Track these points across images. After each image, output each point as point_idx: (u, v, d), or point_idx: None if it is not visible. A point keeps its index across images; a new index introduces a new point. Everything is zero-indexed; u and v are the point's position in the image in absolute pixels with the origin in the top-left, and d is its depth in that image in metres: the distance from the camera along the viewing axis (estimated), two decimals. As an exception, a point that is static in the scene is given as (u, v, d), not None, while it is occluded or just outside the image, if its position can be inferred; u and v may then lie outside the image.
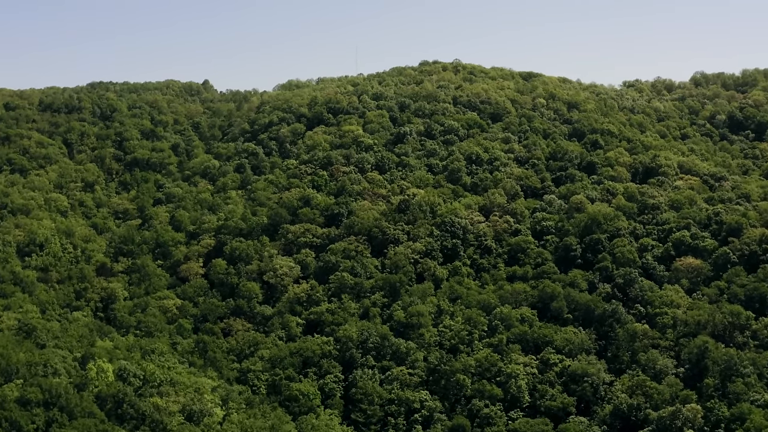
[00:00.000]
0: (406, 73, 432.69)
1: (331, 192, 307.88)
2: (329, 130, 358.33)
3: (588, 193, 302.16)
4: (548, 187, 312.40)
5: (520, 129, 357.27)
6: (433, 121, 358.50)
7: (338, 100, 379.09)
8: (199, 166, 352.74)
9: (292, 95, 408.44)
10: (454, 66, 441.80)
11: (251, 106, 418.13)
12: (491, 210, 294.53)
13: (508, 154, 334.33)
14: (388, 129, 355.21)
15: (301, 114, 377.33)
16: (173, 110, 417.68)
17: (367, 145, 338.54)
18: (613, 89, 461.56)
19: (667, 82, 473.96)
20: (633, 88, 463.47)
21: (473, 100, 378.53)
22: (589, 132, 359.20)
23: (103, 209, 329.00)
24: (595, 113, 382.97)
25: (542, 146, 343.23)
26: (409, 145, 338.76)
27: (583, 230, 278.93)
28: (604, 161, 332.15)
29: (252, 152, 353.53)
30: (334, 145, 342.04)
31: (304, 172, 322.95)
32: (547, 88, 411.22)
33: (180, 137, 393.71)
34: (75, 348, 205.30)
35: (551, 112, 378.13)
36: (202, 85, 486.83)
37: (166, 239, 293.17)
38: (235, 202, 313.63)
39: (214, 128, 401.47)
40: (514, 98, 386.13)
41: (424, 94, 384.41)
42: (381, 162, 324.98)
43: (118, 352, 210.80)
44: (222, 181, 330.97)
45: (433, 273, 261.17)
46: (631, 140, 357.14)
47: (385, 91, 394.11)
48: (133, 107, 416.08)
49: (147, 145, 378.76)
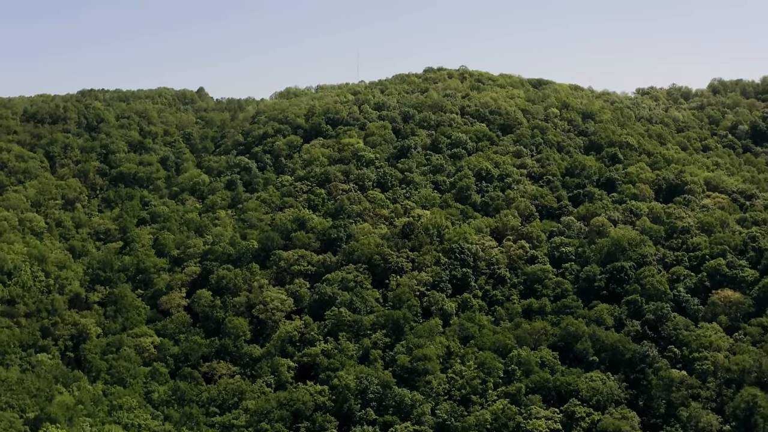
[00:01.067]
0: (409, 80, 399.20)
1: (328, 212, 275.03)
2: (327, 142, 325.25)
3: (609, 214, 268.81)
4: (565, 207, 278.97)
5: (532, 141, 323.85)
6: (440, 133, 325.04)
7: (337, 110, 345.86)
8: (188, 182, 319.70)
9: (288, 104, 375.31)
10: (461, 73, 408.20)
11: (246, 116, 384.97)
12: (504, 233, 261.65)
13: (521, 170, 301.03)
14: (391, 142, 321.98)
15: (297, 125, 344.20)
16: (164, 120, 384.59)
17: (368, 159, 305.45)
18: (627, 97, 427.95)
19: (683, 89, 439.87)
20: (648, 96, 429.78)
21: (482, 110, 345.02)
22: (606, 145, 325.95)
23: (82, 230, 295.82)
24: (612, 124, 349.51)
25: (557, 160, 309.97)
26: (414, 160, 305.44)
27: (606, 257, 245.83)
28: (625, 177, 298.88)
29: (244, 167, 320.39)
30: (332, 160, 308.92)
31: (299, 190, 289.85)
32: (560, 96, 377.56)
33: (170, 149, 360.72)
34: (29, 407, 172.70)
35: (565, 122, 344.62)
36: (196, 93, 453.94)
37: (147, 265, 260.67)
38: (224, 223, 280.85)
39: (206, 139, 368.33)
40: (525, 108, 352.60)
41: (430, 103, 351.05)
42: (383, 179, 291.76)
43: (80, 408, 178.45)
44: (211, 199, 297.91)
45: (441, 307, 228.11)
46: (651, 153, 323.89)
47: (387, 100, 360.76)
48: (122, 117, 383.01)
49: (134, 159, 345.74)
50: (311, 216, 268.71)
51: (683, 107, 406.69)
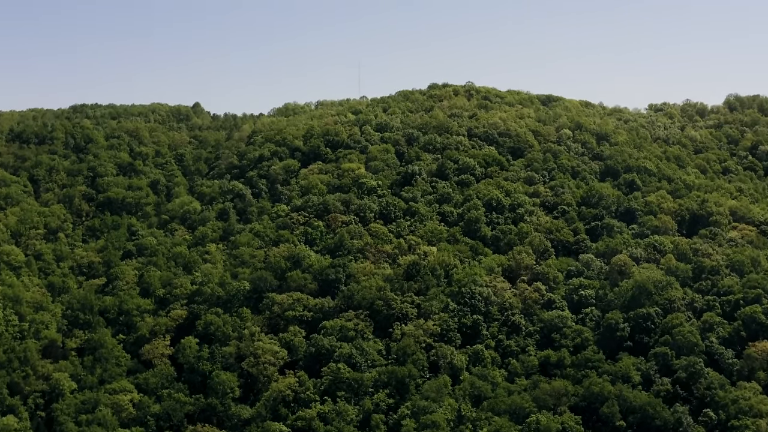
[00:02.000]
0: (413, 98, 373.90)
1: (327, 247, 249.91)
2: (326, 167, 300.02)
3: (631, 251, 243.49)
4: (583, 242, 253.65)
5: (544, 166, 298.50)
6: (446, 158, 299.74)
7: (337, 131, 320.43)
8: (178, 210, 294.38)
9: (286, 123, 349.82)
10: (467, 89, 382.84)
11: (242, 136, 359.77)
12: (518, 273, 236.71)
13: (533, 199, 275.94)
14: (394, 167, 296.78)
15: (295, 147, 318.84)
16: (155, 140, 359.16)
17: (370, 187, 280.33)
18: (640, 114, 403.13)
19: (698, 105, 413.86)
20: (662, 113, 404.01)
21: (490, 131, 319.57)
22: (623, 170, 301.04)
23: (64, 263, 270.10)
24: (628, 146, 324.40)
25: (571, 188, 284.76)
26: (419, 188, 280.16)
27: (630, 301, 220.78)
28: (645, 207, 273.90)
29: (238, 193, 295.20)
30: (331, 187, 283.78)
31: (296, 222, 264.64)
32: (571, 116, 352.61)
33: (161, 172, 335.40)
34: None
35: (578, 145, 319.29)
36: (192, 109, 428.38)
37: (130, 307, 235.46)
38: (214, 257, 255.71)
39: (200, 161, 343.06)
40: (536, 129, 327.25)
41: (435, 124, 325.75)
42: (386, 209, 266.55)
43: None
44: (201, 230, 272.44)
45: (450, 361, 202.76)
46: (671, 179, 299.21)
47: (390, 120, 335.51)
48: (111, 137, 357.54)
49: (123, 183, 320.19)
50: (308, 252, 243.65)
51: (699, 125, 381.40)
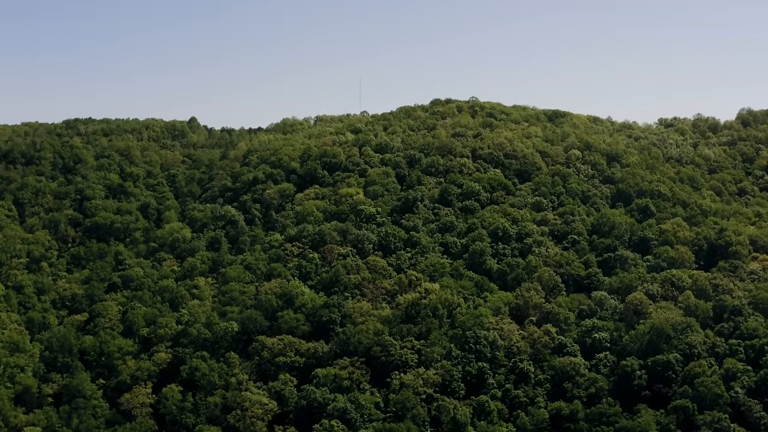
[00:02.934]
0: (415, 115, 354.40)
1: (322, 282, 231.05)
2: (323, 192, 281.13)
3: (647, 287, 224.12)
4: (595, 276, 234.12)
5: (553, 191, 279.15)
6: (449, 182, 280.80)
7: (335, 153, 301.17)
8: (167, 237, 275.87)
9: (282, 143, 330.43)
10: (471, 105, 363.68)
11: (237, 154, 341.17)
12: (526, 312, 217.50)
13: (542, 227, 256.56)
14: (394, 192, 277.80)
15: (291, 169, 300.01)
16: (147, 159, 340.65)
17: (369, 214, 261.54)
18: (651, 131, 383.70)
19: (710, 120, 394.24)
20: (673, 128, 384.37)
21: (495, 152, 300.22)
22: (636, 194, 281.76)
23: (46, 297, 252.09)
24: (640, 167, 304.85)
25: (581, 214, 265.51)
26: (420, 216, 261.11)
27: (647, 345, 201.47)
28: (659, 236, 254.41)
29: (231, 220, 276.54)
30: (328, 214, 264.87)
31: (290, 253, 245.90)
32: (580, 133, 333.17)
33: (152, 194, 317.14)
34: None
35: (588, 167, 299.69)
36: (187, 124, 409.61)
37: (111, 349, 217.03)
38: (202, 292, 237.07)
39: (193, 182, 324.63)
40: (544, 149, 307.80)
41: (437, 145, 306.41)
42: (385, 240, 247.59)
43: None
44: (190, 261, 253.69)
45: (454, 416, 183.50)
46: (686, 204, 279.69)
47: (390, 140, 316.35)
48: (101, 156, 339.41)
49: (112, 206, 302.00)
50: (302, 289, 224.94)
51: (712, 142, 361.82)
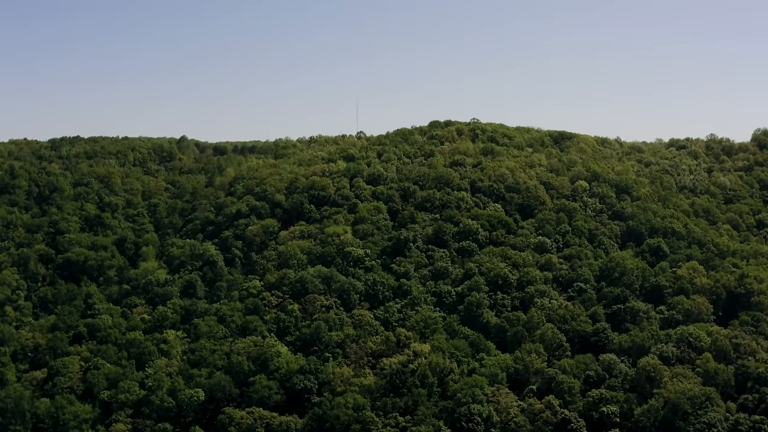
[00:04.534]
0: (412, 139, 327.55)
1: (301, 339, 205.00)
2: (309, 229, 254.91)
3: (661, 348, 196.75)
4: (603, 332, 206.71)
5: (557, 229, 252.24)
6: (444, 219, 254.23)
7: (323, 185, 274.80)
8: (141, 278, 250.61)
9: (270, 171, 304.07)
10: (471, 128, 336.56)
11: (223, 182, 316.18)
12: (526, 378, 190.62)
13: (545, 273, 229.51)
14: (386, 230, 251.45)
15: (276, 202, 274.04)
16: (128, 187, 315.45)
17: (357, 257, 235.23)
18: (662, 153, 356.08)
19: (724, 142, 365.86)
20: (685, 150, 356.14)
21: (496, 185, 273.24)
22: (647, 232, 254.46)
23: (6, 348, 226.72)
24: (652, 199, 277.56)
25: (589, 257, 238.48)
26: (412, 260, 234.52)
27: (661, 423, 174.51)
28: (674, 283, 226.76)
29: (209, 260, 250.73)
30: (312, 256, 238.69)
31: (268, 304, 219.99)
32: (587, 160, 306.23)
33: (130, 226, 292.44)
34: None
35: (596, 200, 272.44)
36: (176, 144, 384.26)
37: (67, 416, 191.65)
38: (171, 348, 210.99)
39: (174, 213, 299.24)
40: (548, 180, 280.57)
41: (434, 176, 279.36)
42: (373, 289, 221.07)
43: None
44: (161, 310, 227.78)
45: None
46: (702, 243, 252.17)
47: (384, 169, 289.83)
48: (80, 184, 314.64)
49: (86, 241, 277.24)
50: (277, 348, 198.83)
51: (727, 167, 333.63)
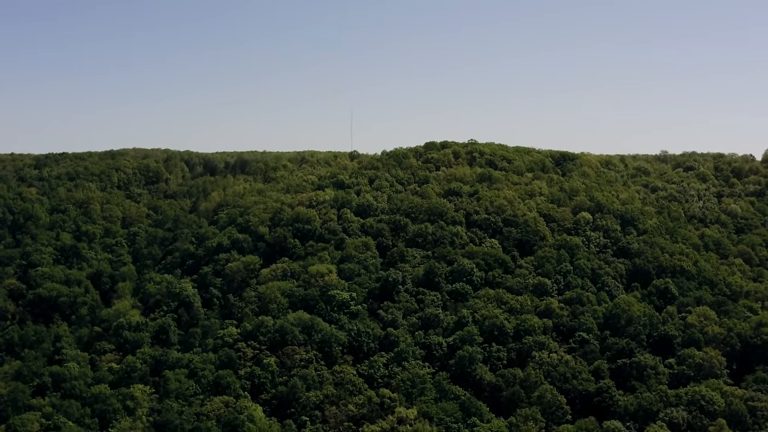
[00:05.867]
0: (406, 163, 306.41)
1: (278, 397, 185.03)
2: (293, 267, 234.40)
3: (670, 413, 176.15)
4: (607, 391, 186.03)
5: (558, 268, 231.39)
6: (437, 257, 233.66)
7: (309, 218, 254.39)
8: (113, 320, 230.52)
9: (255, 199, 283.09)
10: (468, 151, 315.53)
11: (208, 207, 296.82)
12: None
13: (545, 320, 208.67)
14: (373, 269, 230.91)
15: (260, 235, 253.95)
16: (107, 214, 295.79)
17: (341, 301, 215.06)
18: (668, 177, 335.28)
19: (733, 163, 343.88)
20: (693, 172, 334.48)
21: (493, 218, 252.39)
22: (655, 271, 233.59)
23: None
24: (659, 232, 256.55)
25: (592, 301, 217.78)
26: (401, 306, 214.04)
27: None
28: (684, 333, 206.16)
29: (185, 301, 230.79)
30: (294, 300, 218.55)
31: (243, 356, 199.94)
32: (590, 186, 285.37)
33: (107, 257, 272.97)
34: None
35: (600, 234, 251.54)
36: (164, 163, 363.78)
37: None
38: (137, 405, 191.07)
39: (154, 243, 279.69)
40: (549, 212, 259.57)
41: (427, 207, 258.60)
42: (357, 340, 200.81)
43: None
44: (130, 361, 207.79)
45: None
46: (713, 284, 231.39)
47: (375, 198, 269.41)
48: (57, 210, 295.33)
49: (60, 274, 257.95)
50: (250, 411, 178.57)
51: (737, 192, 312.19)
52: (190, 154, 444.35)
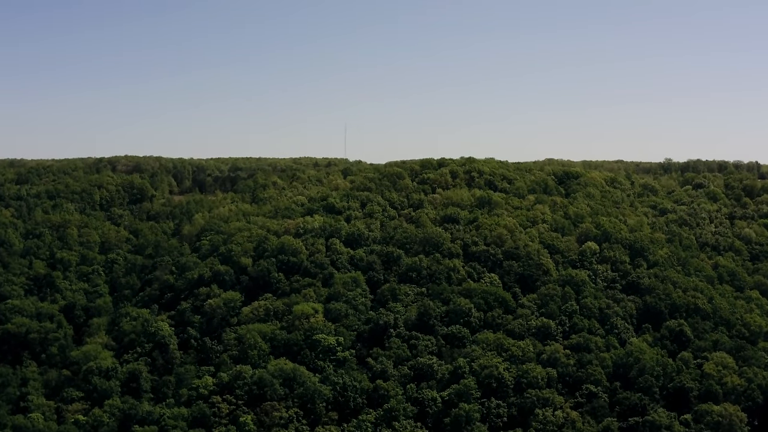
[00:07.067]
0: (401, 184, 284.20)
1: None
2: (276, 305, 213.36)
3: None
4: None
5: (563, 307, 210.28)
6: (432, 295, 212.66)
7: (295, 249, 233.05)
8: (82, 364, 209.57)
9: (239, 226, 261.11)
10: (467, 171, 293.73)
11: (191, 231, 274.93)
12: None
13: (549, 369, 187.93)
14: (363, 310, 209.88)
15: (243, 267, 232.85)
16: (85, 239, 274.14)
17: (328, 346, 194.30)
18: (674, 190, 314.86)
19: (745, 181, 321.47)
20: (702, 190, 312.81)
21: (493, 250, 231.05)
22: (667, 310, 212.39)
23: None
24: (671, 263, 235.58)
25: (600, 347, 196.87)
26: (392, 354, 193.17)
27: None
28: (700, 384, 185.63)
29: (161, 342, 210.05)
30: (276, 345, 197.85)
31: (219, 413, 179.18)
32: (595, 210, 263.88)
33: (83, 287, 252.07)
34: None
35: (607, 267, 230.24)
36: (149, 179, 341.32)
37: None
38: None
39: (133, 273, 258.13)
40: (553, 242, 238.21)
41: (422, 237, 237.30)
42: (343, 396, 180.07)
43: None
44: (97, 414, 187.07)
45: None
46: (730, 324, 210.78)
47: (367, 226, 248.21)
48: (32, 235, 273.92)
49: (31, 307, 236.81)
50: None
51: (750, 213, 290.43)
52: (183, 162, 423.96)
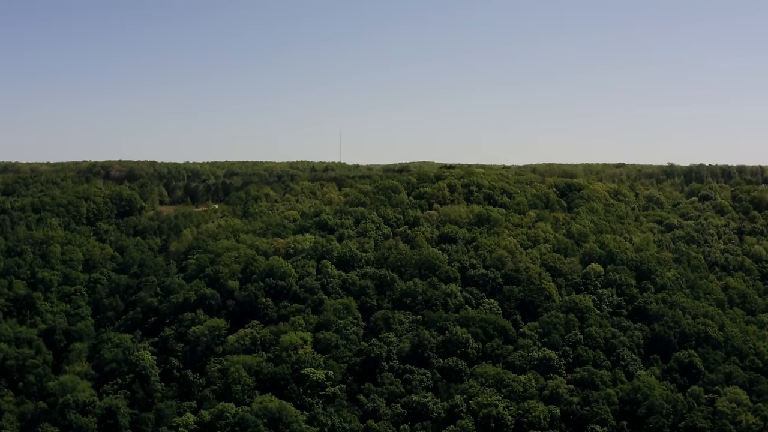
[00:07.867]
0: (397, 199, 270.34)
1: None
2: (263, 334, 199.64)
3: None
4: None
5: (567, 336, 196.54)
6: (428, 323, 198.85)
7: (284, 273, 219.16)
8: (59, 395, 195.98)
9: (227, 245, 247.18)
10: (465, 184, 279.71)
11: (179, 248, 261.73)
12: None
13: (551, 407, 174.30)
14: (355, 340, 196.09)
15: (229, 290, 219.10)
16: (67, 258, 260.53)
17: (316, 381, 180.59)
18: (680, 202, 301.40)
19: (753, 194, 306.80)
20: (709, 202, 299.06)
21: (492, 273, 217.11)
22: (677, 339, 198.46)
23: None
24: (679, 288, 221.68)
25: (605, 381, 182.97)
26: (384, 391, 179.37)
27: None
28: (713, 424, 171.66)
29: (142, 372, 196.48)
30: (261, 379, 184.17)
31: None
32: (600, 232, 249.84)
33: (64, 309, 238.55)
34: None
35: (613, 291, 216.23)
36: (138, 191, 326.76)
37: None
38: None
39: (116, 294, 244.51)
40: (555, 264, 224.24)
41: (417, 259, 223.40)
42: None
43: None
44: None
45: None
46: (743, 354, 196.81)
47: (358, 248, 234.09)
48: (12, 253, 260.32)
49: (10, 332, 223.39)
50: None
51: (759, 227, 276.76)
52: (178, 167, 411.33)
